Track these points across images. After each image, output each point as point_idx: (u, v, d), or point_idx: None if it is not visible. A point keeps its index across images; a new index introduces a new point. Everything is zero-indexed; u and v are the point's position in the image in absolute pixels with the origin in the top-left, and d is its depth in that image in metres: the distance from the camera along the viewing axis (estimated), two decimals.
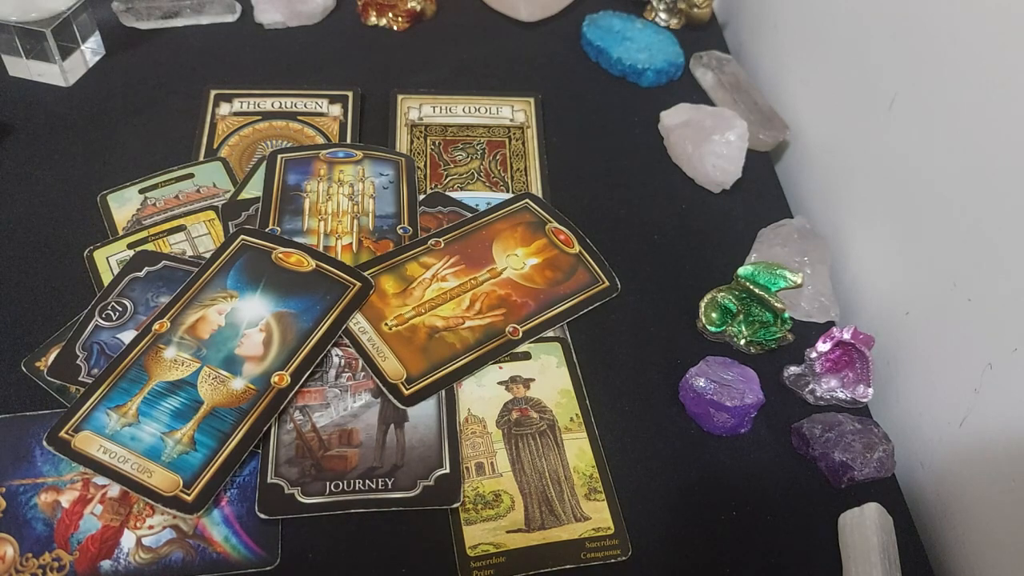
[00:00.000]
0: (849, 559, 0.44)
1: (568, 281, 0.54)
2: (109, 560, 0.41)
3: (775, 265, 0.52)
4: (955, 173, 0.50)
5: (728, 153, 0.63)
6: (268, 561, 0.42)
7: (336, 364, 0.49)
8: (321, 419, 0.47)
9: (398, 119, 0.66)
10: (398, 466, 0.45)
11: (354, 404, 0.47)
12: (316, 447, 0.45)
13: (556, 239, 0.55)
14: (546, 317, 0.52)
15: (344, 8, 0.78)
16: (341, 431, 0.46)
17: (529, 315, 0.52)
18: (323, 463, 0.45)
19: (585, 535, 0.44)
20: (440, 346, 0.49)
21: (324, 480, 0.44)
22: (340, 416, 0.47)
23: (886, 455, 0.48)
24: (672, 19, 0.80)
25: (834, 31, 0.65)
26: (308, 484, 0.44)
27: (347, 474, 0.44)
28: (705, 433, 0.50)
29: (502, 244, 0.55)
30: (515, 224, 0.56)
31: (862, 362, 0.51)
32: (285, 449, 0.45)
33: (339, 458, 0.45)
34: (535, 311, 0.52)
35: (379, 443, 0.46)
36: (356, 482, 0.44)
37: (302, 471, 0.44)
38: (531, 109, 0.69)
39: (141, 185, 0.58)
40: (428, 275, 0.52)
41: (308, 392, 0.47)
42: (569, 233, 0.56)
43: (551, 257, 0.55)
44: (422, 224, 0.57)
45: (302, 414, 0.47)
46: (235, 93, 0.67)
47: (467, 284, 0.52)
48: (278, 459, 0.45)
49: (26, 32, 0.63)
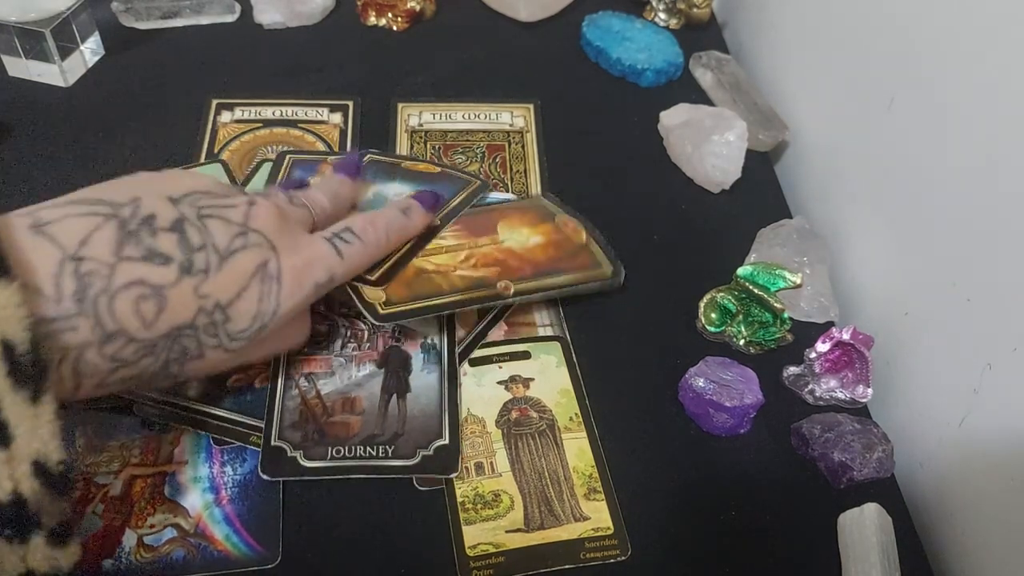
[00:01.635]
0: (848, 559, 0.44)
1: (570, 261, 0.54)
2: (111, 559, 0.41)
3: (774, 265, 0.52)
4: (955, 173, 0.50)
5: (727, 153, 0.63)
6: (269, 559, 0.42)
7: (342, 335, 0.50)
8: (326, 387, 0.48)
9: (398, 126, 0.67)
10: (399, 434, 0.46)
11: (358, 374, 0.48)
12: (320, 413, 0.46)
13: (564, 227, 0.55)
14: (541, 283, 0.51)
15: (343, 8, 0.78)
16: (344, 398, 0.47)
17: (524, 278, 0.51)
18: (326, 428, 0.46)
19: (584, 535, 0.44)
20: (426, 283, 0.49)
21: (326, 445, 0.45)
22: (344, 384, 0.48)
23: (885, 455, 0.48)
24: (671, 19, 0.80)
25: (834, 31, 0.65)
26: (310, 448, 0.45)
27: (348, 440, 0.45)
28: (705, 433, 0.50)
29: (508, 223, 0.55)
30: (525, 210, 0.57)
31: (861, 362, 0.51)
32: (290, 414, 0.46)
33: (342, 424, 0.46)
34: (531, 276, 0.52)
35: (381, 412, 0.47)
36: (357, 448, 0.45)
37: (305, 435, 0.45)
38: (530, 115, 0.69)
39: None
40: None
41: (314, 360, 0.49)
42: (579, 224, 0.56)
43: (556, 239, 0.55)
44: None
45: (307, 381, 0.48)
46: (236, 102, 0.67)
47: (465, 245, 0.52)
48: (282, 423, 0.46)
49: (25, 32, 0.63)
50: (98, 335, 0.33)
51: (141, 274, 0.34)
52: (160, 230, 0.35)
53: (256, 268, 0.38)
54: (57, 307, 0.32)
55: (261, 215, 0.39)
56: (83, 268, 0.33)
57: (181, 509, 0.44)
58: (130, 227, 0.35)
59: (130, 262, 0.34)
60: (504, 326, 0.53)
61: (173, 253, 0.35)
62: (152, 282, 0.34)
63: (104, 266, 0.33)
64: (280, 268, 0.39)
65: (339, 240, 0.42)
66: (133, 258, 0.34)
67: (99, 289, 0.33)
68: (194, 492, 0.44)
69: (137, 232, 0.35)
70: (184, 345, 0.36)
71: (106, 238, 0.34)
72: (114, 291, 0.33)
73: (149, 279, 0.34)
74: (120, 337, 0.34)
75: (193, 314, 0.36)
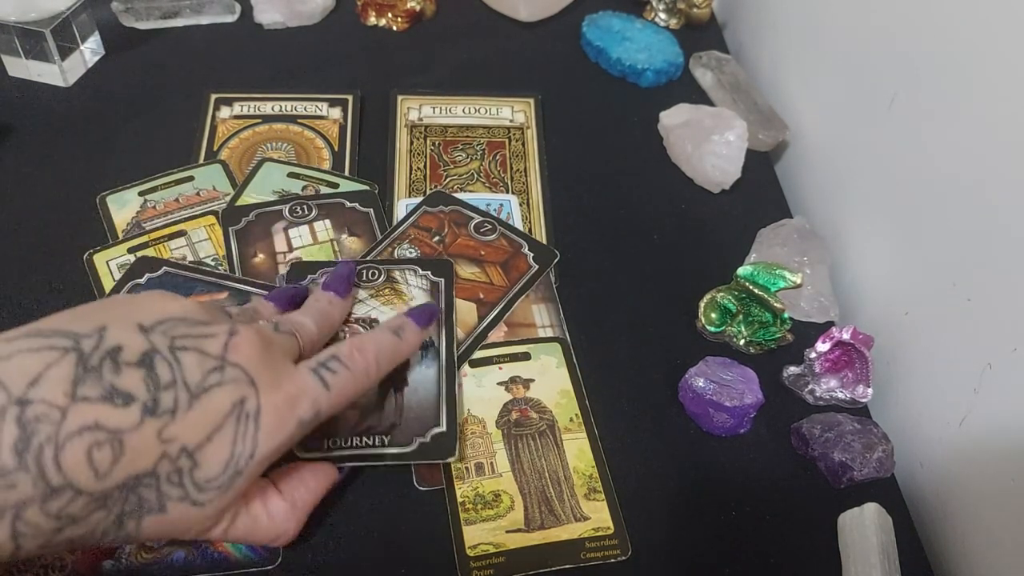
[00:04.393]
0: (848, 559, 0.44)
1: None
2: (111, 559, 0.41)
3: (774, 265, 0.52)
4: (955, 173, 0.50)
5: (728, 153, 0.63)
6: (269, 560, 0.42)
7: (340, 338, 0.49)
8: None
9: (398, 120, 0.67)
10: (395, 425, 0.45)
11: None
12: None
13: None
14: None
15: (344, 8, 0.78)
16: None
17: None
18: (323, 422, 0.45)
19: (585, 535, 0.44)
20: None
21: (322, 437, 0.44)
22: None
23: (885, 455, 0.48)
24: (672, 19, 0.80)
25: (834, 31, 0.65)
26: (307, 440, 0.44)
27: (344, 432, 0.45)
28: (705, 433, 0.50)
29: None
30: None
31: (861, 362, 0.51)
32: None
33: (338, 417, 0.45)
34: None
35: (378, 405, 0.46)
36: (353, 439, 0.45)
37: None
38: (531, 110, 0.69)
39: (141, 187, 0.58)
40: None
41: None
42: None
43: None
44: (423, 223, 0.57)
45: None
46: (235, 97, 0.67)
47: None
48: None
49: (25, 32, 0.63)
50: (40, 490, 0.29)
51: (97, 417, 0.30)
52: (125, 365, 0.31)
53: (232, 406, 0.33)
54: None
55: (243, 346, 0.35)
56: (29, 413, 0.29)
57: None
58: (91, 362, 0.31)
59: (86, 403, 0.30)
60: (504, 327, 0.53)
61: (137, 392, 0.31)
62: (109, 427, 0.30)
63: (55, 409, 0.29)
64: (260, 406, 0.34)
65: (325, 370, 0.38)
66: (90, 399, 0.30)
67: (45, 437, 0.29)
68: None
69: (99, 368, 0.31)
70: (142, 496, 0.32)
71: (61, 376, 0.30)
72: (63, 439, 0.29)
73: (106, 423, 0.30)
74: (67, 491, 0.29)
75: (155, 461, 0.32)
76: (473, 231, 0.57)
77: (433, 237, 0.56)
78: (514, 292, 0.54)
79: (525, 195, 0.62)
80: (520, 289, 0.54)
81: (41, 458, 0.29)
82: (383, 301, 0.50)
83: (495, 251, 0.56)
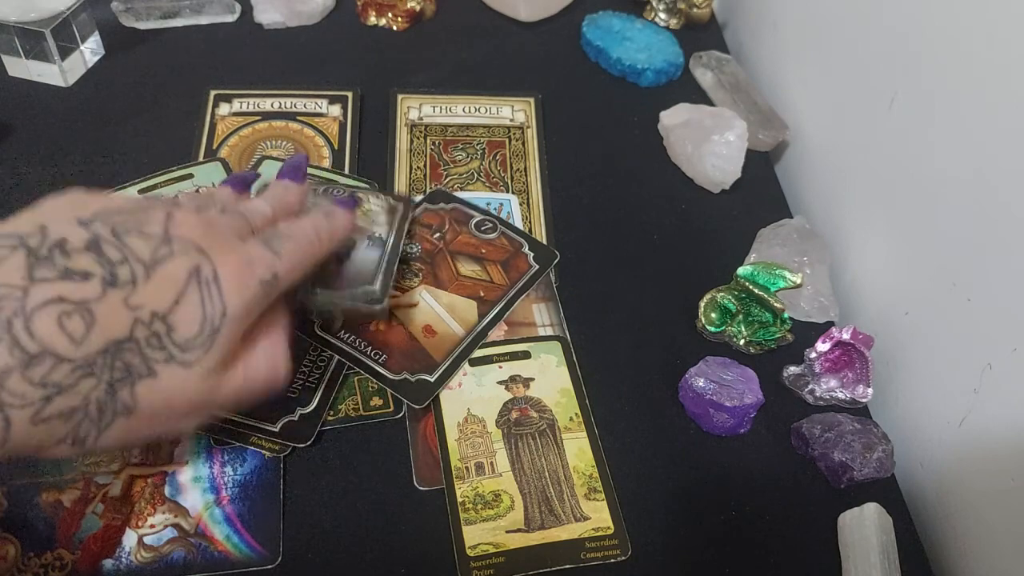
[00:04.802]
0: (848, 559, 0.44)
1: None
2: (111, 559, 0.41)
3: (774, 265, 0.52)
4: (955, 173, 0.50)
5: (728, 153, 0.63)
6: (269, 560, 0.42)
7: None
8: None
9: (398, 119, 0.67)
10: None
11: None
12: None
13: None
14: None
15: (344, 8, 0.78)
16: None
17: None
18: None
19: (585, 535, 0.44)
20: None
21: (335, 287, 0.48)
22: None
23: (885, 455, 0.48)
24: (672, 19, 0.80)
25: (834, 31, 0.65)
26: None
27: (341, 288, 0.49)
28: (705, 433, 0.50)
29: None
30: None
31: (861, 362, 0.51)
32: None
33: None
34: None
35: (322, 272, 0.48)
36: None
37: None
38: (531, 109, 0.69)
39: (141, 185, 0.58)
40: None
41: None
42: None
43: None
44: (424, 220, 0.58)
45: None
46: (235, 93, 0.67)
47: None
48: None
49: (25, 32, 0.63)
50: (19, 358, 0.30)
51: (60, 292, 0.31)
52: (74, 251, 0.32)
53: (188, 274, 0.35)
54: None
55: (183, 224, 0.36)
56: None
57: (181, 509, 0.44)
58: (40, 253, 0.32)
59: (45, 283, 0.31)
60: (504, 326, 0.53)
61: (93, 269, 0.32)
62: (74, 298, 0.31)
63: (15, 289, 0.30)
64: (216, 271, 0.35)
65: (272, 240, 0.40)
66: (48, 279, 0.31)
67: (12, 311, 0.30)
68: (194, 492, 0.44)
69: (50, 256, 0.32)
70: (128, 361, 0.33)
71: (15, 265, 0.31)
72: (30, 311, 0.30)
73: (70, 296, 0.31)
74: (47, 358, 0.30)
75: (129, 326, 0.33)
76: (474, 229, 0.57)
77: (434, 234, 0.56)
78: (514, 291, 0.54)
79: (525, 195, 0.62)
80: (520, 289, 0.54)
81: (12, 328, 0.30)
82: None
83: (496, 250, 0.56)
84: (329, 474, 0.46)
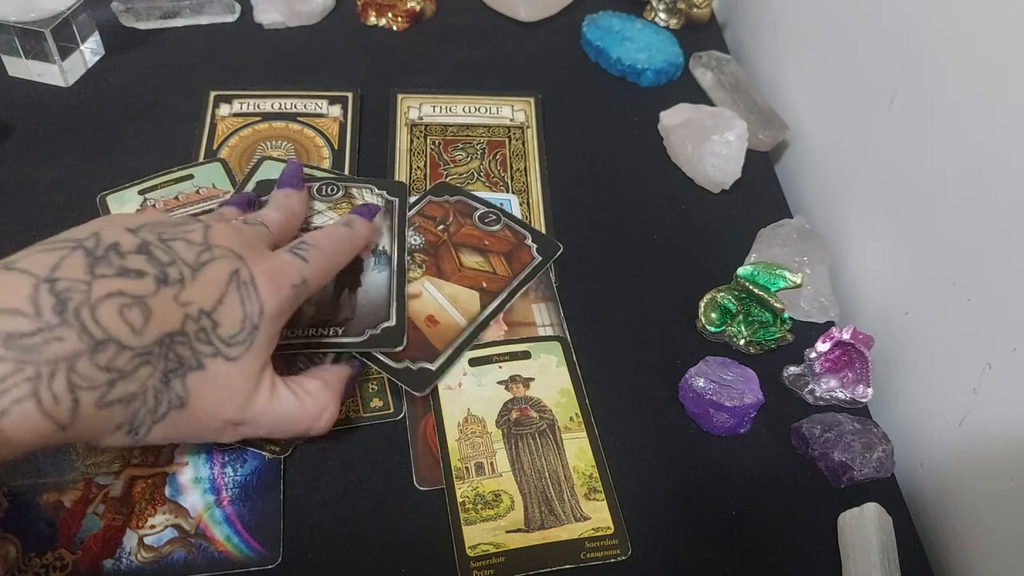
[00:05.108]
0: (849, 559, 0.44)
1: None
2: (111, 559, 0.41)
3: (774, 265, 0.52)
4: (955, 173, 0.50)
5: (728, 153, 0.63)
6: (269, 560, 0.42)
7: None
8: None
9: (398, 119, 0.67)
10: (348, 319, 0.48)
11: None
12: None
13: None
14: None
15: (344, 8, 0.78)
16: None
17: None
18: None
19: (585, 535, 0.44)
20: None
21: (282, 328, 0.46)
22: None
23: (885, 455, 0.48)
24: (672, 19, 0.80)
25: (834, 31, 0.65)
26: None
27: (303, 324, 0.48)
28: (705, 433, 0.50)
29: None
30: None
31: (861, 362, 0.51)
32: None
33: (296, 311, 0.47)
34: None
35: (333, 301, 0.49)
36: (308, 330, 0.48)
37: None
38: (531, 109, 0.69)
39: (141, 186, 0.58)
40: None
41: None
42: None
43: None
44: (428, 212, 0.58)
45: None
46: (235, 94, 0.67)
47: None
48: None
49: (25, 32, 0.63)
50: (87, 343, 0.32)
51: (119, 286, 0.34)
52: (127, 253, 0.36)
53: (229, 276, 0.38)
54: (37, 320, 0.32)
55: (220, 233, 0.40)
56: (59, 286, 0.33)
57: (182, 510, 0.44)
58: (97, 254, 0.35)
59: (105, 278, 0.34)
60: (504, 325, 0.53)
61: (146, 268, 0.36)
62: (132, 293, 0.34)
63: (80, 283, 0.33)
64: (252, 274, 0.39)
65: (299, 249, 0.43)
66: (107, 275, 0.34)
67: (79, 301, 0.33)
68: (195, 493, 0.44)
69: (106, 256, 0.35)
70: (180, 354, 0.36)
71: (77, 263, 0.34)
72: (95, 302, 0.33)
73: (128, 290, 0.34)
74: (111, 344, 0.33)
75: (180, 320, 0.36)
76: (478, 221, 0.57)
77: (438, 225, 0.57)
78: (517, 282, 0.54)
79: (525, 194, 0.62)
80: (523, 279, 0.54)
81: (80, 315, 0.33)
82: (340, 212, 0.53)
83: (499, 241, 0.56)
84: (329, 474, 0.46)
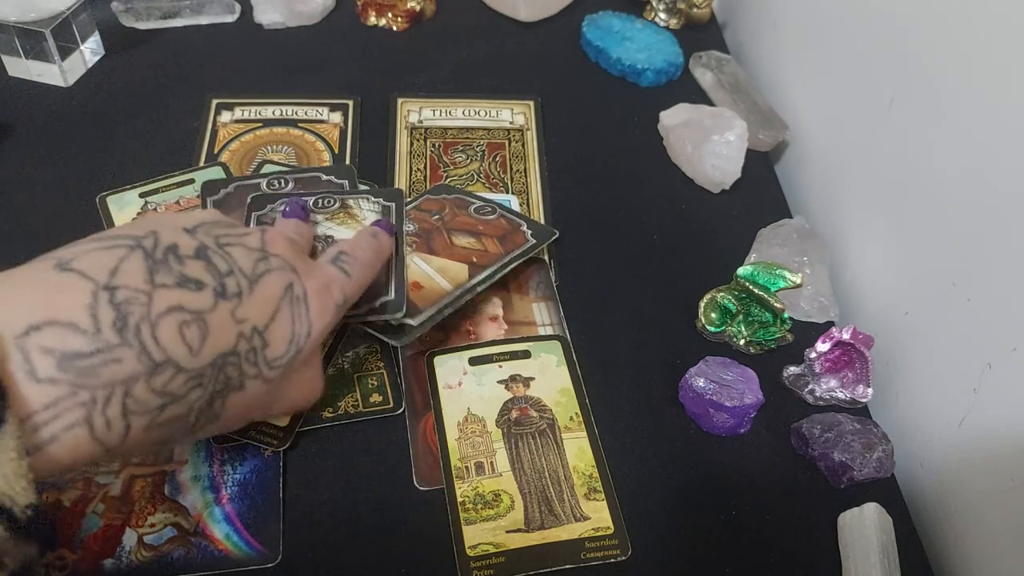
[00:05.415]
0: (849, 559, 0.44)
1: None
2: (111, 558, 0.41)
3: (774, 265, 0.52)
4: (955, 173, 0.50)
5: (727, 153, 0.63)
6: (269, 558, 0.42)
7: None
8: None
9: (398, 122, 0.67)
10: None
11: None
12: None
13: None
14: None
15: (344, 8, 0.78)
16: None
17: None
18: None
19: (585, 535, 0.44)
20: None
21: None
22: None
23: (885, 455, 0.48)
24: (672, 19, 0.80)
25: (834, 31, 0.65)
26: None
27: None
28: (705, 433, 0.50)
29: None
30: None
31: (861, 362, 0.51)
32: None
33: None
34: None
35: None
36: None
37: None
38: (531, 112, 0.69)
39: (141, 189, 0.58)
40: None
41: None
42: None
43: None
44: (425, 207, 0.58)
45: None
46: (236, 102, 0.67)
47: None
48: None
49: (25, 32, 0.63)
50: (146, 365, 0.30)
51: (179, 300, 0.32)
52: (186, 257, 0.34)
53: (284, 290, 0.37)
54: (96, 339, 0.29)
55: (276, 241, 0.39)
56: (119, 296, 0.31)
57: (181, 508, 0.44)
58: (156, 256, 0.33)
59: (165, 289, 0.32)
60: (504, 325, 0.53)
61: (205, 279, 0.34)
62: (191, 308, 0.32)
63: (141, 294, 0.31)
64: (305, 290, 0.38)
65: (340, 262, 0.42)
66: (167, 285, 0.32)
67: (140, 317, 0.31)
68: (194, 491, 0.44)
69: (165, 260, 0.33)
70: (228, 375, 0.34)
71: (136, 267, 0.32)
72: (155, 318, 0.31)
73: (188, 305, 0.32)
74: (168, 367, 0.31)
75: (235, 339, 0.34)
76: (473, 212, 0.57)
77: (433, 216, 0.57)
78: (509, 258, 0.54)
79: (525, 195, 0.62)
80: (515, 256, 0.54)
81: (140, 334, 0.30)
82: (338, 223, 0.52)
83: (493, 227, 0.56)
84: (329, 474, 0.46)
